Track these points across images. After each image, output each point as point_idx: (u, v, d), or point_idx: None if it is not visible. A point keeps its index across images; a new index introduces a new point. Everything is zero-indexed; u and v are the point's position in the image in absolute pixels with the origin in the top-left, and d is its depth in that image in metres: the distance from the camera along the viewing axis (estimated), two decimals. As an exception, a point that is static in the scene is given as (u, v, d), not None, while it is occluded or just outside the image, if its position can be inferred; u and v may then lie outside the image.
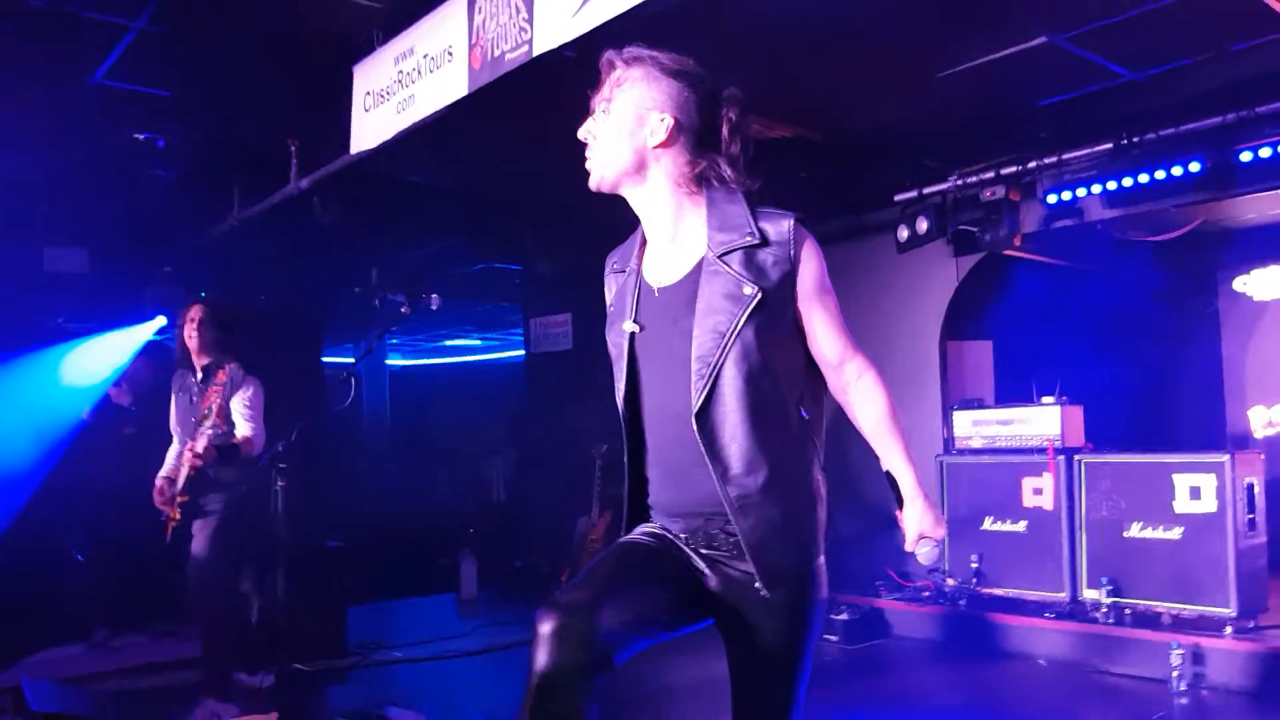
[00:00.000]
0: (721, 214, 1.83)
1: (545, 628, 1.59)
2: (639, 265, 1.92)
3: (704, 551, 1.83)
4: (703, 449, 1.76)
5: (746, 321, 1.75)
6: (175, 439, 4.41)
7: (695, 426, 1.75)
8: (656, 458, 1.87)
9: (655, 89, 1.83)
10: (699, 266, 1.81)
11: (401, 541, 8.01)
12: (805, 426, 1.84)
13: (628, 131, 1.83)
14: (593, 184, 1.89)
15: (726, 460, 1.76)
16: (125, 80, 4.54)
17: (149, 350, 6.78)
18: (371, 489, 9.78)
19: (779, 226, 1.81)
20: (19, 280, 6.58)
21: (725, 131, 1.86)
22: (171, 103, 4.82)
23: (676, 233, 1.87)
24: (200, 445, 3.98)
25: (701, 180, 1.86)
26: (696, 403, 1.75)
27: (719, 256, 1.79)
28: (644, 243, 1.94)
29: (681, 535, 1.85)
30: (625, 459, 1.91)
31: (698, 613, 1.85)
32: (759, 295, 1.75)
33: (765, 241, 1.79)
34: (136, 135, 5.19)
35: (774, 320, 1.78)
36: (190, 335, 4.28)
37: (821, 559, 1.86)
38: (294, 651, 4.93)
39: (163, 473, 4.31)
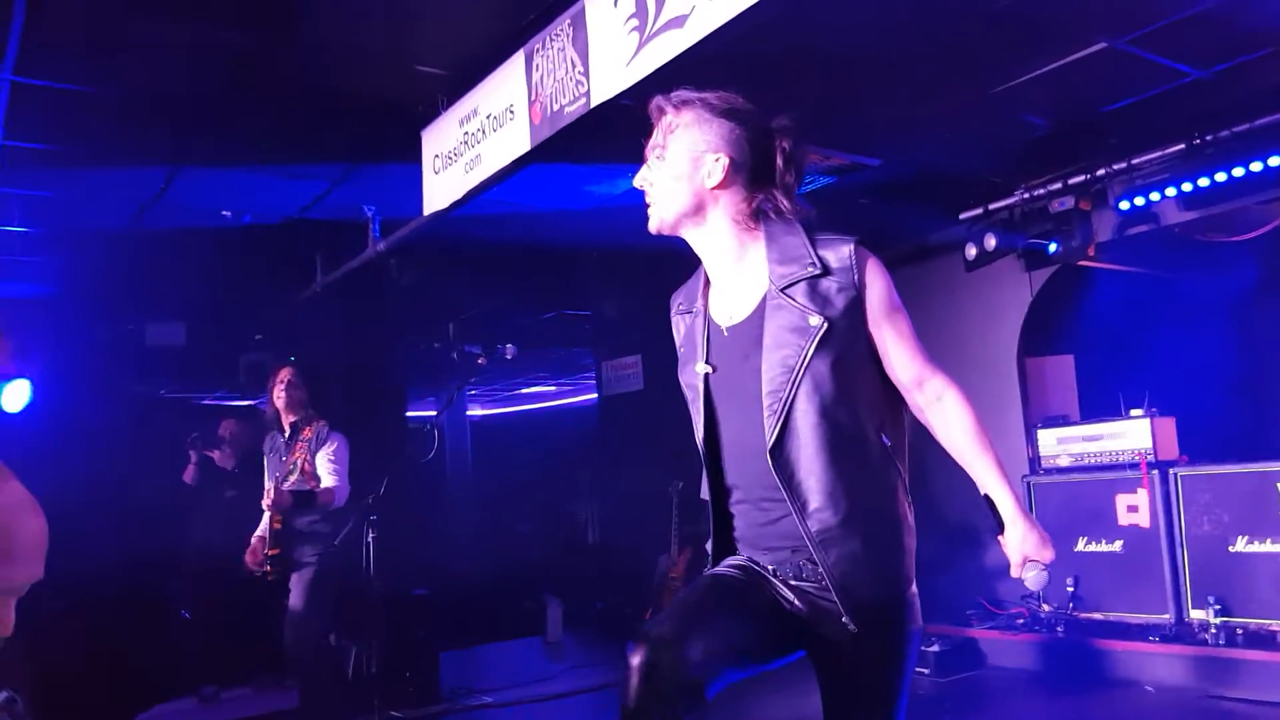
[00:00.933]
0: (781, 247, 1.84)
1: (635, 660, 1.60)
2: (705, 305, 1.94)
3: (793, 583, 1.83)
4: (779, 484, 1.76)
5: (815, 353, 1.75)
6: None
7: (770, 462, 1.76)
8: (739, 494, 1.88)
9: (707, 131, 1.86)
10: (763, 302, 1.82)
11: (487, 586, 8.13)
12: (887, 453, 1.82)
13: (685, 175, 1.86)
14: (653, 228, 1.92)
15: (804, 494, 1.76)
16: (207, 161, 4.82)
17: (245, 413, 7.08)
18: (456, 536, 9.94)
19: (839, 252, 1.80)
20: (123, 355, 6.99)
21: (780, 162, 1.87)
22: (252, 179, 5.09)
23: (739, 270, 1.88)
24: (273, 492, 4.15)
25: (759, 215, 1.88)
26: (770, 438, 1.76)
27: (782, 290, 1.79)
28: (708, 282, 1.96)
29: (769, 567, 1.85)
30: (709, 496, 1.92)
31: (789, 645, 1.84)
32: (825, 325, 1.75)
33: (827, 270, 1.79)
34: (224, 213, 5.48)
35: (845, 348, 1.78)
36: (279, 396, 4.49)
37: (913, 589, 1.84)
38: (390, 699, 5.04)
39: (257, 533, 4.48)
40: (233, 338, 7.30)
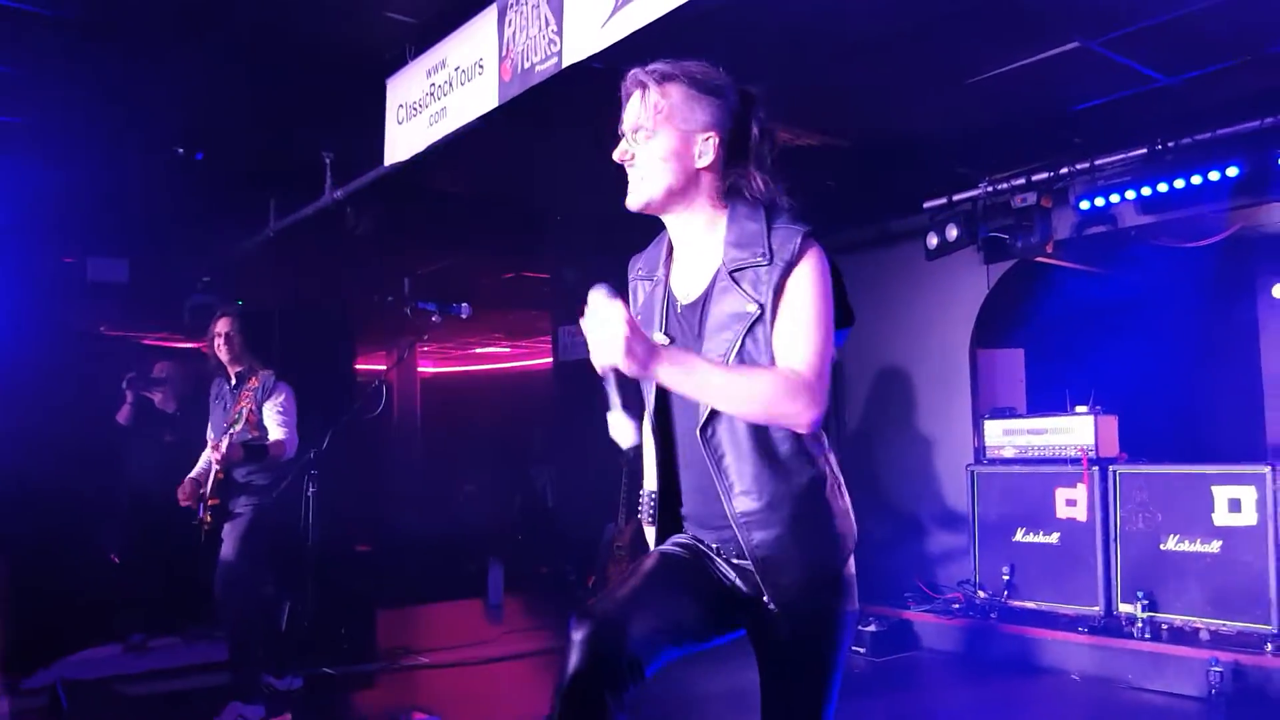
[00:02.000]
0: (740, 229, 1.80)
1: (577, 635, 1.59)
2: (667, 275, 1.91)
3: (735, 561, 1.83)
4: (710, 466, 1.77)
5: (747, 337, 1.73)
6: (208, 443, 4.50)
7: (699, 440, 1.77)
8: (684, 471, 1.87)
9: (697, 108, 1.78)
10: (713, 281, 1.80)
11: (430, 546, 8.08)
12: (815, 439, 1.81)
13: (675, 155, 1.78)
14: (636, 206, 1.84)
15: (730, 477, 1.76)
16: (167, 95, 4.64)
17: (189, 356, 6.90)
18: (401, 495, 9.87)
19: (789, 242, 1.75)
20: (63, 289, 6.75)
21: (755, 138, 1.83)
22: (208, 116, 4.92)
23: (704, 246, 1.85)
24: (224, 445, 4.05)
25: (730, 192, 1.83)
26: (701, 418, 1.77)
27: (730, 273, 1.77)
28: (670, 251, 1.92)
29: (713, 545, 1.85)
30: (657, 470, 1.90)
31: (729, 624, 1.85)
32: (759, 312, 1.73)
33: (772, 258, 1.74)
34: (176, 149, 5.29)
35: (772, 334, 1.75)
36: (220, 348, 4.37)
37: (848, 571, 1.84)
38: (322, 655, 5.00)
39: (191, 474, 4.39)
40: (179, 278, 7.08)
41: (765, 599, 1.77)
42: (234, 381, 4.38)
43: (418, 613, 6.90)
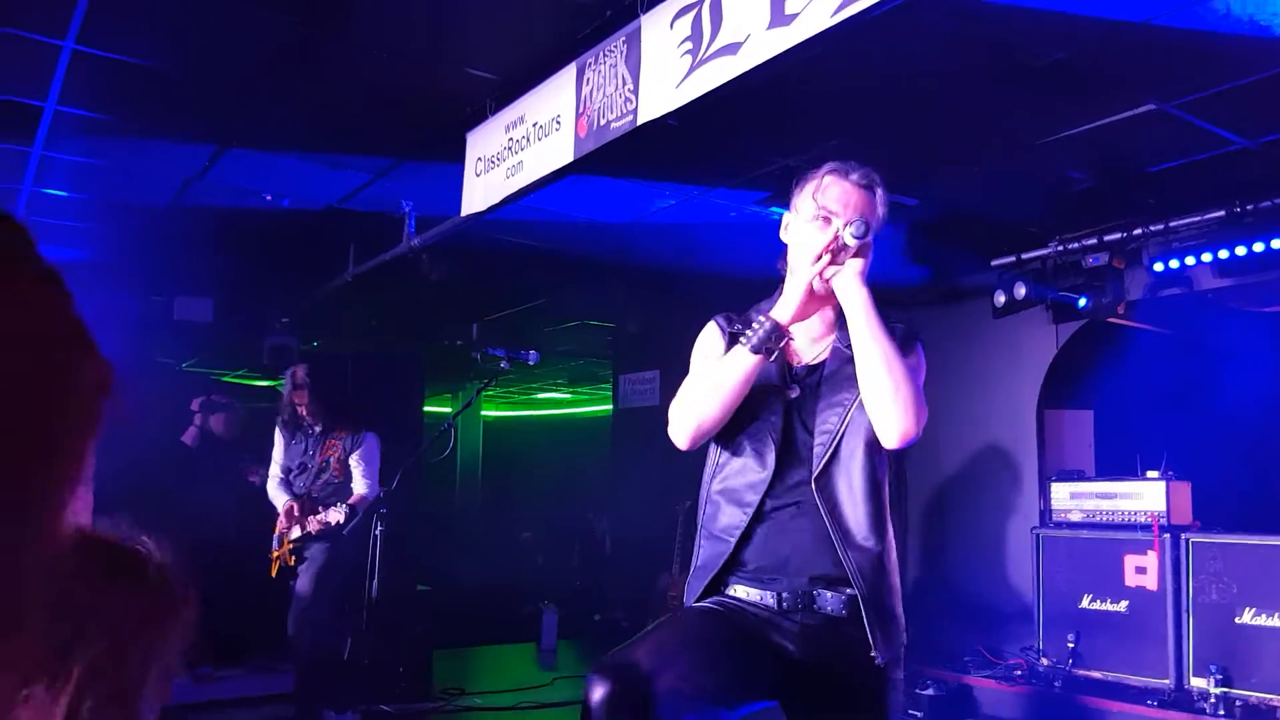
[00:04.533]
0: None
1: (597, 695, 1.58)
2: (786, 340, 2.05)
3: (797, 619, 1.84)
4: (823, 512, 1.87)
5: (856, 408, 1.94)
6: (280, 473, 4.64)
7: (815, 489, 1.88)
8: (770, 515, 1.94)
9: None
10: (832, 352, 2.02)
11: (487, 589, 8.14)
12: (890, 500, 1.98)
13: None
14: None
15: (846, 525, 1.87)
16: (254, 144, 4.89)
17: (264, 393, 7.13)
18: (462, 535, 9.96)
19: (906, 331, 2.03)
20: (150, 326, 7.06)
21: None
22: (294, 164, 5.16)
23: (823, 324, 2.07)
24: (332, 517, 4.22)
25: None
26: (817, 468, 1.90)
27: (848, 347, 1.97)
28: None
29: (770, 600, 1.86)
30: (748, 513, 1.94)
31: (761, 691, 1.84)
32: None
33: (891, 333, 1.96)
34: (265, 195, 5.54)
35: None
36: (300, 405, 4.56)
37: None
38: (380, 692, 5.06)
39: (288, 498, 4.53)
40: (259, 319, 7.37)
41: (873, 653, 1.83)
42: (319, 428, 4.54)
43: (473, 654, 6.94)
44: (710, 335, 2.12)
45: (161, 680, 0.72)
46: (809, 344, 2.08)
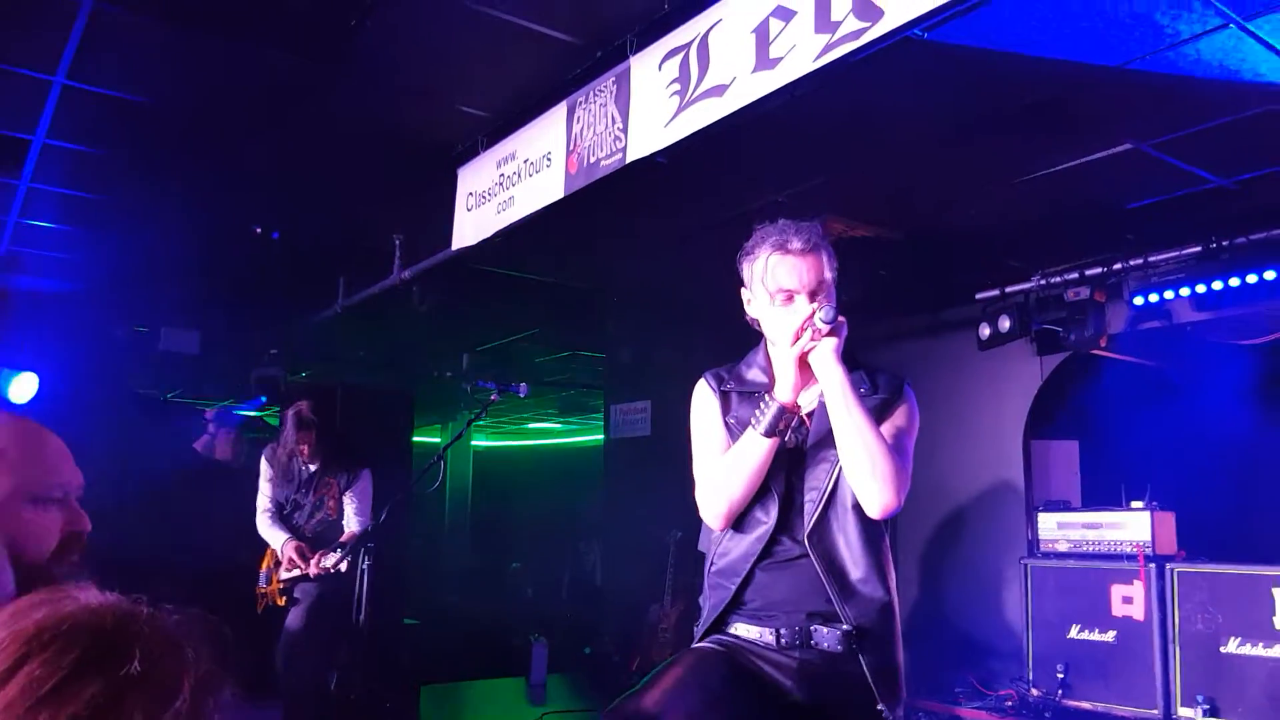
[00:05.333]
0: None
1: None
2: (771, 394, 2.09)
3: (795, 655, 1.87)
4: (818, 566, 1.92)
5: None
6: (270, 506, 4.63)
7: (808, 544, 1.93)
8: (769, 558, 2.00)
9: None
10: (820, 407, 2.04)
11: (475, 623, 8.09)
12: (887, 543, 2.02)
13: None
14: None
15: (846, 578, 1.91)
16: (239, 177, 4.93)
17: (251, 424, 7.11)
18: (450, 568, 9.91)
19: (894, 382, 2.08)
20: (135, 356, 7.06)
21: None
22: (285, 198, 5.20)
23: (808, 379, 2.06)
24: (330, 562, 4.22)
25: None
26: (808, 524, 1.94)
27: None
28: (771, 379, 2.11)
29: (769, 639, 1.90)
30: (749, 562, 2.00)
31: None
32: None
33: (875, 390, 2.05)
34: (254, 227, 5.58)
35: None
36: (303, 451, 4.55)
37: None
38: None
39: (287, 537, 4.53)
40: (247, 349, 7.37)
41: (880, 707, 1.86)
42: (314, 468, 4.54)
43: (461, 689, 6.89)
44: (702, 396, 2.17)
45: None
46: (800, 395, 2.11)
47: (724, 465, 2.02)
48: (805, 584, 1.92)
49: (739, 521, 2.03)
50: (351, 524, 4.42)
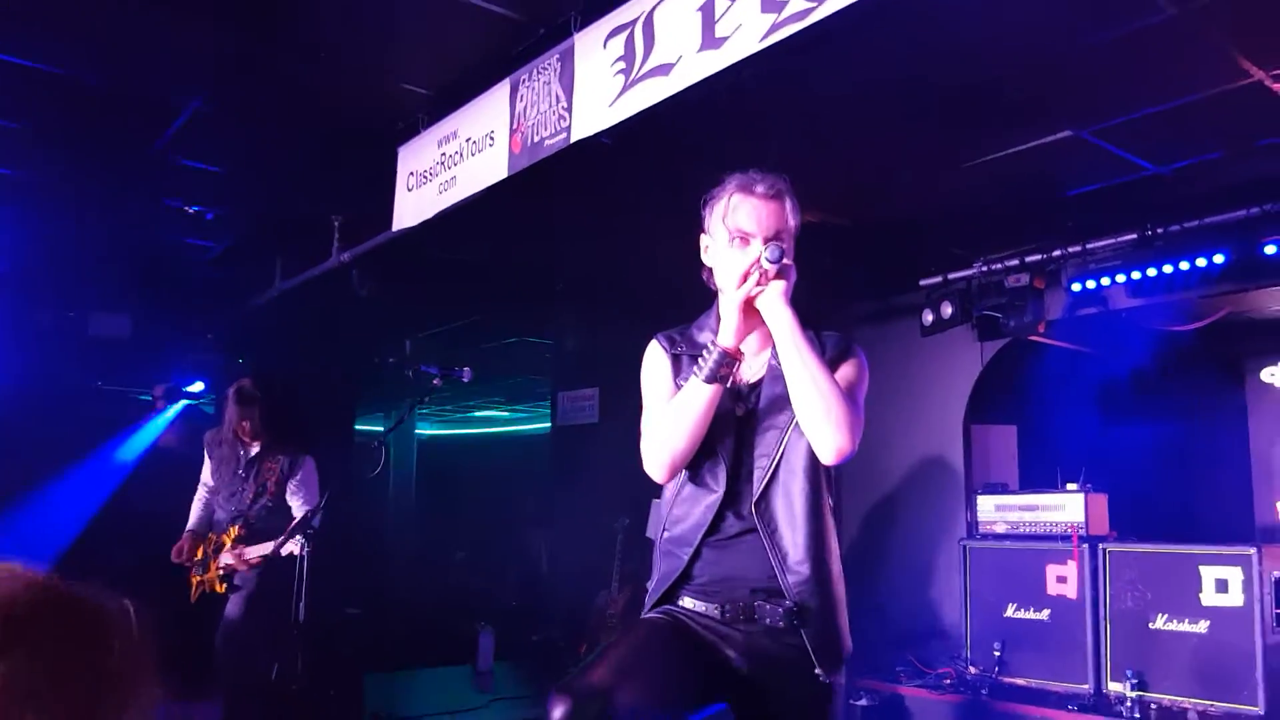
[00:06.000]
0: None
1: (557, 713, 1.61)
2: None
3: (740, 629, 1.87)
4: (763, 537, 1.89)
5: (797, 425, 1.94)
6: (206, 493, 4.52)
7: (755, 513, 1.91)
8: (712, 539, 1.98)
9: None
10: (768, 371, 2.02)
11: (421, 611, 7.99)
12: (832, 514, 2.01)
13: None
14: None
15: (784, 547, 1.90)
16: (180, 155, 4.77)
17: (185, 415, 6.92)
18: (395, 556, 9.78)
19: (841, 343, 2.08)
20: (63, 343, 6.81)
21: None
22: (222, 178, 5.05)
23: (758, 341, 2.06)
24: (252, 556, 4.11)
25: None
26: (757, 490, 1.92)
27: (780, 364, 1.98)
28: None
29: (715, 613, 1.89)
30: (700, 531, 1.98)
31: (713, 696, 1.89)
32: None
33: (824, 349, 2.01)
34: (187, 208, 5.41)
35: None
36: (244, 429, 4.43)
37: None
38: (309, 718, 4.92)
39: (190, 526, 4.40)
40: (182, 335, 7.16)
41: (816, 670, 1.85)
42: (253, 451, 4.43)
43: (406, 677, 6.80)
44: (654, 357, 2.14)
45: None
46: (749, 359, 2.08)
47: (668, 415, 1.99)
48: (750, 560, 1.92)
49: (690, 489, 2.01)
50: (297, 513, 4.31)
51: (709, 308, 2.17)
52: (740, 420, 2.01)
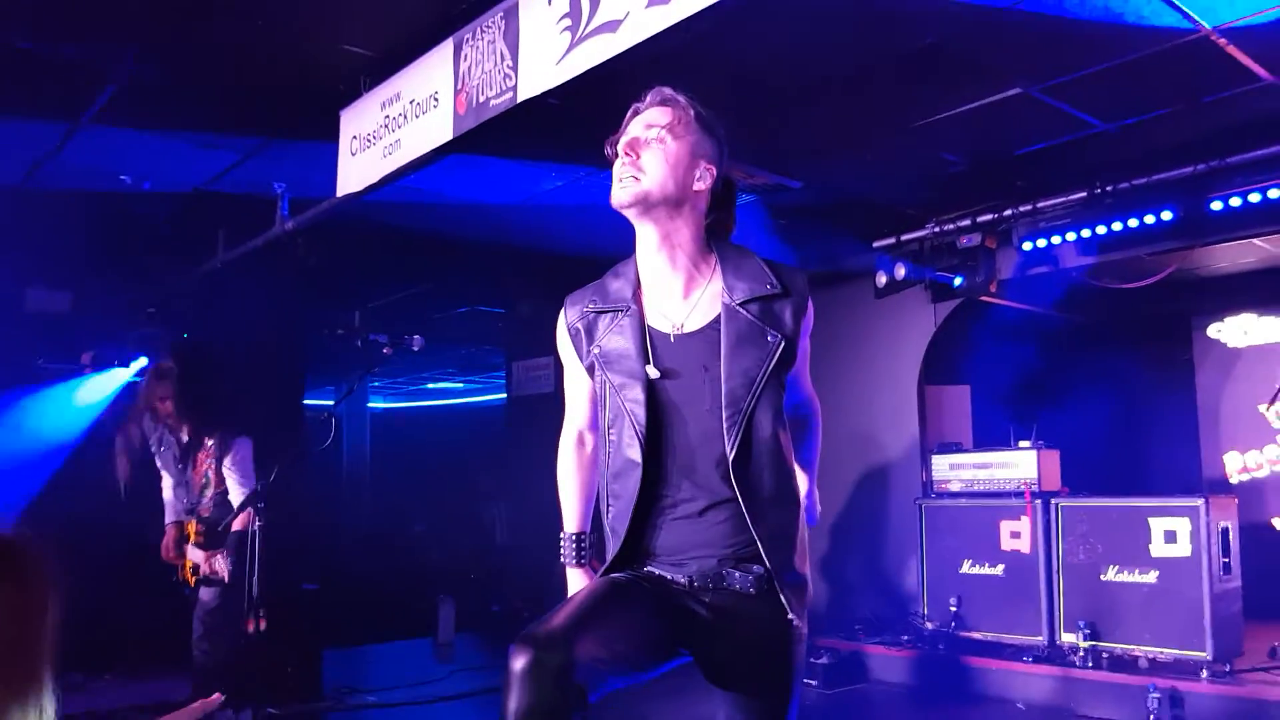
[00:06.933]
0: (736, 265, 1.91)
1: (519, 664, 1.56)
2: (640, 308, 1.91)
3: (708, 596, 1.83)
4: (736, 491, 1.79)
5: (773, 368, 1.82)
6: (168, 487, 4.46)
7: (731, 470, 1.79)
8: (670, 502, 1.85)
9: (707, 140, 1.94)
10: (720, 315, 1.85)
11: (378, 584, 7.94)
12: (794, 466, 1.93)
13: (683, 167, 1.88)
14: (627, 199, 1.87)
15: (757, 501, 1.80)
16: (112, 122, 4.58)
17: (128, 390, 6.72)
18: (350, 531, 9.69)
19: (796, 281, 1.90)
20: (2, 321, 6.57)
21: (730, 194, 2.03)
22: (156, 143, 4.86)
23: (691, 280, 1.90)
24: (219, 566, 4.09)
25: (712, 233, 1.96)
26: (732, 448, 1.79)
27: (739, 304, 1.85)
28: (639, 284, 1.94)
29: (682, 580, 1.84)
30: (628, 503, 1.85)
31: (674, 652, 1.85)
32: (782, 343, 1.84)
33: (785, 293, 1.87)
34: (122, 177, 5.21)
35: (787, 367, 1.87)
36: (168, 414, 4.30)
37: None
38: (268, 694, 4.86)
39: (169, 519, 4.38)
40: (124, 310, 6.94)
41: (790, 615, 1.80)
42: (185, 438, 4.33)
43: (366, 652, 6.75)
44: (559, 332, 2.03)
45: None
46: (682, 301, 1.89)
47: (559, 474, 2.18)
48: (711, 524, 1.82)
49: (616, 465, 1.87)
50: (236, 495, 4.20)
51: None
52: (658, 383, 1.84)
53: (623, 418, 1.87)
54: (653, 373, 1.86)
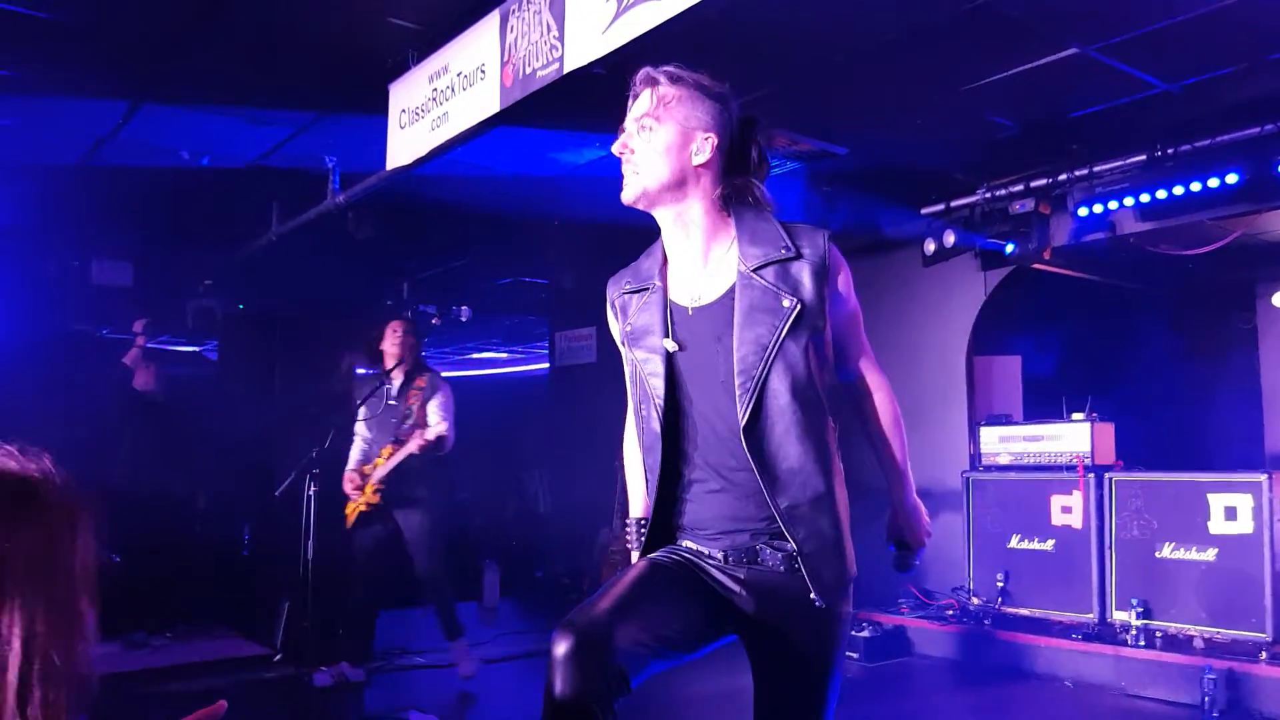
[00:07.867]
0: (752, 231, 1.85)
1: (561, 650, 1.57)
2: (664, 284, 1.91)
3: (743, 572, 1.83)
4: (751, 463, 1.76)
5: (787, 334, 1.76)
6: (362, 436, 4.88)
7: (743, 440, 1.76)
8: (697, 478, 1.86)
9: (699, 109, 1.85)
10: (734, 284, 1.82)
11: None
12: (834, 436, 1.86)
13: (674, 148, 1.84)
14: (630, 198, 1.88)
15: (776, 472, 1.77)
16: (170, 100, 4.67)
17: (189, 359, 6.91)
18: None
19: (814, 240, 1.83)
20: (67, 292, 6.79)
21: (755, 153, 1.91)
22: (212, 121, 4.95)
23: (709, 252, 1.87)
24: (431, 434, 4.65)
25: (730, 199, 1.89)
26: (744, 417, 1.76)
27: (754, 270, 1.80)
28: (665, 261, 1.94)
29: (717, 555, 1.84)
30: (655, 477, 1.88)
31: (717, 633, 1.85)
32: (798, 307, 1.77)
33: (799, 254, 1.81)
34: (181, 153, 5.32)
35: (812, 331, 1.80)
36: (394, 345, 4.76)
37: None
38: (321, 655, 5.00)
39: (351, 466, 4.84)
40: (182, 281, 7.13)
41: (812, 595, 1.77)
42: (400, 380, 4.77)
43: (414, 614, 6.89)
44: (610, 321, 2.03)
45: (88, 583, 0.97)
46: (702, 275, 1.87)
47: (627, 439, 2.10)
48: (739, 498, 1.81)
49: (642, 436, 1.93)
50: (439, 428, 4.79)
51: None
52: (678, 357, 1.85)
53: (647, 393, 1.88)
54: (670, 345, 1.85)
